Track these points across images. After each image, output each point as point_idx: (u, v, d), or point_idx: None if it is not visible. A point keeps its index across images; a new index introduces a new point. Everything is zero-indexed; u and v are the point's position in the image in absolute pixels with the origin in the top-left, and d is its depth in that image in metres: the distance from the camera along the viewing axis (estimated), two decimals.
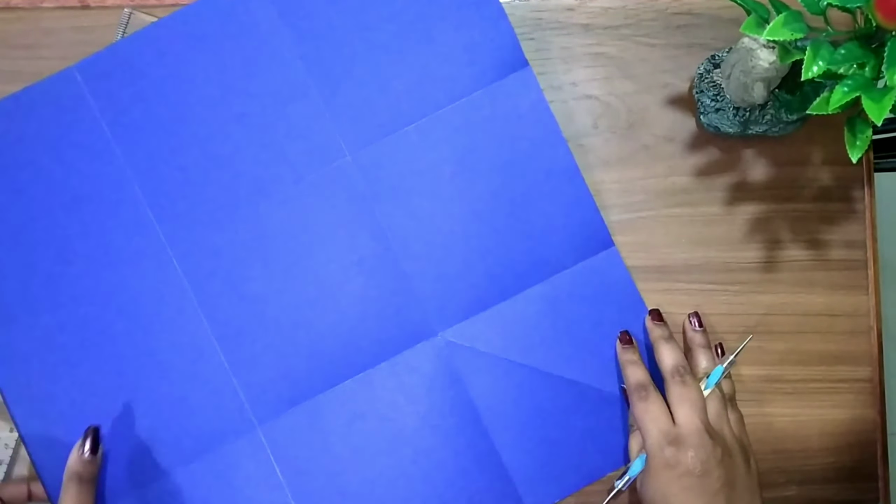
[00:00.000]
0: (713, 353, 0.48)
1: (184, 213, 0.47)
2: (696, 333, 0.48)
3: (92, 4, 0.49)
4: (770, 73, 0.43)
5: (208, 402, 0.46)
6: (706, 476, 0.42)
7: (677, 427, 0.43)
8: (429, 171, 0.48)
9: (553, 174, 0.48)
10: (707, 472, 0.42)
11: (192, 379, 0.46)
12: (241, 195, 0.47)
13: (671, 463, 0.42)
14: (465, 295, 0.48)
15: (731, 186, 0.50)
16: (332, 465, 0.47)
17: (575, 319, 0.48)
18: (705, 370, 0.46)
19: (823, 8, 0.40)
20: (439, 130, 0.48)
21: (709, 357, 0.47)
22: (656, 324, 0.47)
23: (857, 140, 0.41)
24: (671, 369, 0.45)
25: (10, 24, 0.49)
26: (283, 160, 0.47)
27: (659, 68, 0.50)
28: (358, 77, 0.47)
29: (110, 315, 0.46)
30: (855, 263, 0.50)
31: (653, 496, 0.43)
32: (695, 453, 0.42)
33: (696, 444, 0.42)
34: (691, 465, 0.42)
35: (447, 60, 0.48)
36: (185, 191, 0.47)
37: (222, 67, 0.47)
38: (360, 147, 0.47)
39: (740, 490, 0.43)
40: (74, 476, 0.43)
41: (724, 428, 0.44)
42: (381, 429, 0.47)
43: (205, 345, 0.46)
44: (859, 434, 0.50)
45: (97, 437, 0.44)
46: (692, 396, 0.44)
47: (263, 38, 0.47)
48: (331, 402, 0.47)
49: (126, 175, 0.47)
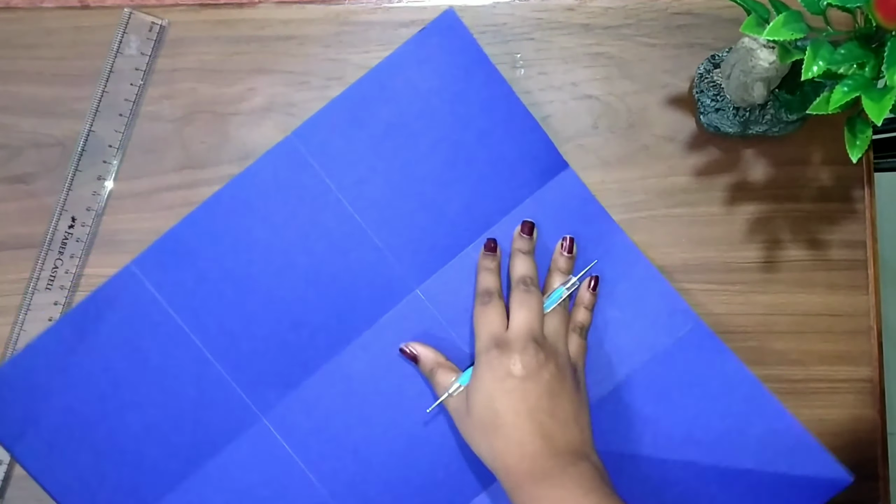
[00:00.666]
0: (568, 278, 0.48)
1: (269, 380, 0.48)
2: (562, 257, 0.48)
3: (92, 4, 0.49)
4: (770, 73, 0.43)
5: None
6: (529, 381, 0.42)
7: (509, 332, 0.44)
8: None
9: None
10: (530, 376, 0.42)
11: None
12: (320, 350, 0.48)
13: (496, 365, 0.43)
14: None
15: (731, 186, 0.50)
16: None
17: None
18: (554, 290, 0.47)
19: (823, 8, 0.40)
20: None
21: (563, 281, 0.47)
22: (523, 236, 0.48)
23: (857, 140, 0.41)
24: (519, 278, 0.46)
25: (10, 24, 0.49)
26: (355, 307, 0.48)
27: (659, 68, 0.50)
28: (409, 213, 0.48)
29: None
30: (855, 263, 0.50)
31: (478, 400, 0.43)
32: (519, 356, 0.42)
33: (521, 348, 0.43)
34: (514, 369, 0.42)
35: (492, 178, 0.48)
36: (266, 359, 0.48)
37: (276, 231, 0.48)
38: (425, 278, 0.48)
39: (563, 400, 0.43)
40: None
41: (557, 343, 0.45)
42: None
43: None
44: (859, 434, 0.50)
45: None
46: (531, 305, 0.44)
47: (311, 195, 0.48)
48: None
49: (205, 357, 0.48)
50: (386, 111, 0.48)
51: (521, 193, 0.49)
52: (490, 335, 0.44)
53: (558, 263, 0.48)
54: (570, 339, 0.46)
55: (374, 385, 0.48)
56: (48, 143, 0.49)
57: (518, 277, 0.46)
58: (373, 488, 0.48)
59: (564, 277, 0.47)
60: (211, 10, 0.50)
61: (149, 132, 0.50)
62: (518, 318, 0.44)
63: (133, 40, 0.49)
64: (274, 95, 0.50)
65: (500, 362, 0.43)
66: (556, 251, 0.48)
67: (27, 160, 0.49)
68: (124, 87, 0.49)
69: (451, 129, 0.48)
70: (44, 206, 0.49)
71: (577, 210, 0.49)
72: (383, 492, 0.48)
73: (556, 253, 0.48)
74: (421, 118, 0.48)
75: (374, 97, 0.48)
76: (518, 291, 0.45)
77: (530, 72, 0.50)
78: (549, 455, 0.41)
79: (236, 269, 0.48)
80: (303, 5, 0.50)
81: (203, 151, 0.50)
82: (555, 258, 0.48)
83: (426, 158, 0.48)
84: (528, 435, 0.42)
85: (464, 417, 0.44)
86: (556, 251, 0.48)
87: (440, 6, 0.50)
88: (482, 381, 0.43)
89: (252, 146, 0.50)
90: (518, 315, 0.44)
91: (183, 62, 0.50)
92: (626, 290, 0.49)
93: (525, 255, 0.47)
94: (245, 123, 0.50)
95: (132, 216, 0.49)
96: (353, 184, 0.48)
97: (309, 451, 0.48)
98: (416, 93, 0.48)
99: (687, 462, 0.48)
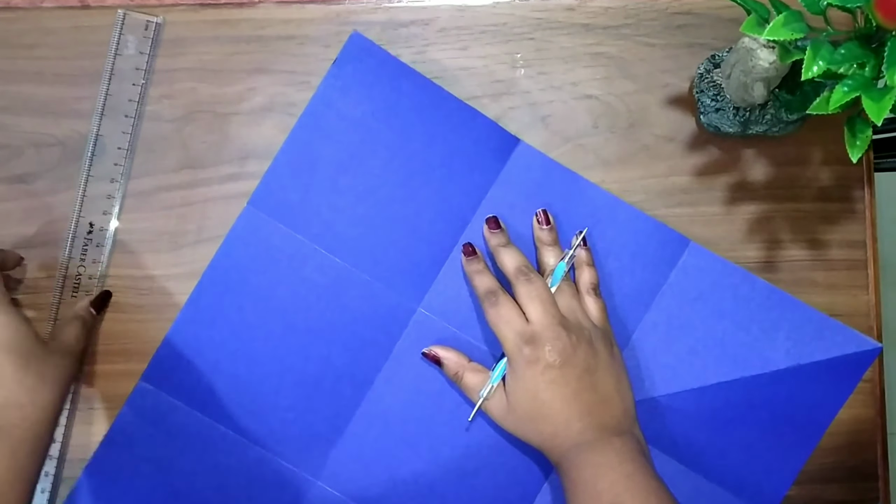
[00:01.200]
0: (559, 249, 0.48)
1: (311, 443, 0.48)
2: (542, 231, 0.48)
3: (92, 4, 0.49)
4: (770, 73, 0.43)
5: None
6: (567, 366, 0.43)
7: (531, 325, 0.44)
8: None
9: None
10: (567, 361, 0.43)
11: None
12: (349, 397, 0.48)
13: (531, 360, 0.43)
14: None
15: (731, 186, 0.50)
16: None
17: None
18: (552, 267, 0.47)
19: (823, 8, 0.40)
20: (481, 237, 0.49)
21: (556, 254, 0.47)
22: (493, 232, 0.48)
23: (857, 140, 0.41)
24: (514, 270, 0.46)
25: (10, 24, 0.49)
26: (367, 345, 0.48)
27: (659, 68, 0.50)
28: (385, 238, 0.48)
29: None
30: (855, 263, 0.50)
31: (521, 397, 0.44)
32: (551, 346, 0.43)
33: (552, 337, 0.43)
34: (550, 359, 0.43)
35: (452, 177, 0.49)
36: (300, 425, 0.48)
37: (266, 301, 0.48)
38: (423, 294, 0.49)
39: (602, 373, 0.44)
40: (80, 318, 0.47)
41: (578, 317, 0.45)
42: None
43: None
44: (859, 434, 0.50)
45: (106, 301, 0.49)
46: (539, 292, 0.44)
47: (287, 254, 0.48)
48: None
49: (242, 442, 0.48)
50: (329, 149, 0.48)
51: (485, 181, 0.49)
52: (515, 333, 0.44)
53: (542, 239, 0.48)
54: (585, 304, 0.46)
55: (410, 411, 0.48)
56: (48, 143, 0.49)
57: (513, 270, 0.46)
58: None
59: (553, 251, 0.48)
60: (211, 10, 0.50)
61: (149, 132, 0.50)
62: (534, 309, 0.44)
63: (131, 40, 0.49)
64: (274, 95, 0.50)
65: (535, 356, 0.43)
66: (534, 228, 0.49)
67: (27, 160, 0.49)
68: (127, 87, 0.49)
69: (397, 144, 0.48)
70: (44, 206, 0.49)
71: (543, 180, 0.49)
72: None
73: (536, 230, 0.48)
74: (365, 144, 0.48)
75: (313, 140, 0.48)
76: (520, 283, 0.45)
77: (530, 72, 0.50)
78: (594, 428, 0.43)
79: (241, 351, 0.48)
80: (303, 5, 0.50)
81: (203, 151, 0.50)
82: (536, 235, 0.48)
83: (383, 180, 0.48)
84: (576, 414, 0.43)
85: (506, 415, 0.45)
86: (535, 228, 0.48)
87: (440, 6, 0.50)
88: (522, 379, 0.43)
89: (252, 146, 0.50)
90: (532, 306, 0.44)
91: (183, 62, 0.50)
92: (616, 238, 0.49)
93: (505, 248, 0.47)
94: (245, 123, 0.50)
95: (132, 216, 0.49)
96: (323, 230, 0.48)
97: (370, 495, 0.48)
98: (352, 122, 0.48)
99: (725, 383, 0.48)
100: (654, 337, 0.49)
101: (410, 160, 0.48)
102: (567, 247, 0.48)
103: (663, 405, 0.48)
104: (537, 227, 0.48)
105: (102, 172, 0.49)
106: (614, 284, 0.49)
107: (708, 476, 0.48)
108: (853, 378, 0.49)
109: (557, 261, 0.47)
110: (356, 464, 0.48)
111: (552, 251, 0.48)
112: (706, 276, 0.49)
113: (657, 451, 0.48)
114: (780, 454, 0.48)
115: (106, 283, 0.49)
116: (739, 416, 0.48)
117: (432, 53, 0.50)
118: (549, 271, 0.47)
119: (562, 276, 0.46)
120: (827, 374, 0.48)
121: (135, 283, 0.49)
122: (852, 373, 0.49)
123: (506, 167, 0.49)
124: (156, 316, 0.49)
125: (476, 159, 0.49)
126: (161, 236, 0.49)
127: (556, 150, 0.50)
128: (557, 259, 0.47)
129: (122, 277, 0.49)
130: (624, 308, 0.49)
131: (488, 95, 0.50)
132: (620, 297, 0.49)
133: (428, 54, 0.50)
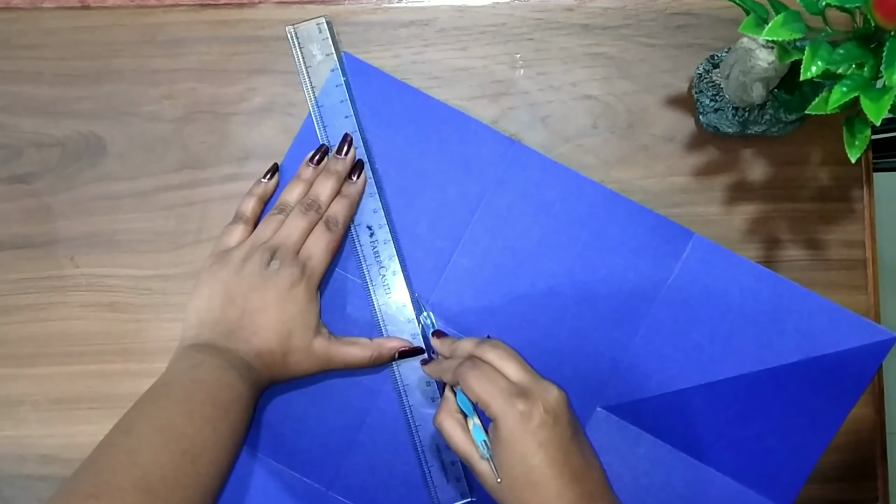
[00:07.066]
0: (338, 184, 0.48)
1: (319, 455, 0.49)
2: (335, 160, 0.48)
3: (92, 4, 0.50)
4: (769, 73, 0.43)
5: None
6: (558, 424, 0.40)
7: (517, 383, 0.41)
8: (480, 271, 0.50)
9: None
10: (557, 419, 0.40)
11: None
12: (357, 407, 0.49)
13: (525, 414, 0.39)
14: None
15: (730, 186, 0.50)
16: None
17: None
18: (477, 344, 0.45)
19: (822, 8, 0.40)
20: (479, 244, 0.49)
21: (468, 341, 0.45)
22: (441, 340, 0.47)
23: (856, 140, 0.41)
24: (472, 349, 0.44)
25: (11, 24, 0.49)
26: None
27: (658, 68, 0.50)
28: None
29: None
30: (854, 263, 0.50)
31: (512, 463, 0.40)
32: (543, 401, 0.40)
33: (540, 392, 0.40)
34: (544, 415, 0.40)
35: (454, 186, 0.49)
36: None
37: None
38: (426, 301, 0.49)
39: (582, 434, 0.42)
40: (376, 357, 0.47)
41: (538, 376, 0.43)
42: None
43: None
44: (859, 434, 0.50)
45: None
46: (511, 352, 0.43)
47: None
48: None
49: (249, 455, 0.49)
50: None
51: (482, 185, 0.49)
52: (502, 389, 0.40)
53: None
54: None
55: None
56: (48, 143, 0.49)
57: (471, 349, 0.44)
58: None
59: (467, 342, 0.45)
60: (211, 10, 0.50)
61: (149, 132, 0.50)
62: (513, 369, 0.42)
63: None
64: (274, 95, 0.50)
65: (529, 411, 0.40)
66: (441, 348, 0.47)
67: (27, 160, 0.49)
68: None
69: (392, 154, 0.49)
70: (44, 206, 0.49)
71: (541, 179, 0.49)
72: None
73: (443, 347, 0.46)
74: (359, 156, 0.49)
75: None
76: (486, 351, 0.43)
77: (530, 72, 0.50)
78: (585, 499, 0.40)
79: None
80: (303, 5, 0.50)
81: (203, 151, 0.50)
82: (452, 348, 0.46)
83: (380, 191, 0.49)
84: (567, 482, 0.40)
85: (494, 486, 0.41)
86: (440, 347, 0.47)
87: (439, 6, 0.50)
88: (511, 441, 0.40)
89: (252, 146, 0.50)
90: (509, 366, 0.42)
91: (183, 62, 0.50)
92: (618, 234, 0.49)
93: (455, 342, 0.46)
94: (245, 123, 0.50)
95: (132, 216, 0.49)
96: None
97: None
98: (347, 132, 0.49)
99: (736, 378, 0.48)
100: (660, 333, 0.48)
101: (406, 169, 0.49)
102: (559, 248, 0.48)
103: (673, 401, 0.48)
104: (440, 346, 0.47)
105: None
106: (618, 281, 0.49)
107: (722, 470, 0.48)
108: (869, 370, 0.48)
109: (468, 343, 0.45)
110: (367, 474, 0.48)
111: (467, 342, 0.45)
112: (711, 268, 0.48)
113: (669, 447, 0.48)
114: (796, 447, 0.48)
115: (107, 283, 0.49)
116: (751, 410, 0.48)
117: (432, 54, 0.50)
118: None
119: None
120: (841, 366, 0.48)
121: (135, 283, 0.49)
122: (867, 364, 0.48)
123: (503, 169, 0.49)
124: (156, 316, 0.49)
125: (473, 164, 0.49)
126: (161, 236, 0.49)
127: (556, 151, 0.50)
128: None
129: (122, 277, 0.49)
130: (629, 304, 0.49)
131: (487, 96, 0.50)
132: (625, 293, 0.49)
133: (427, 55, 0.50)
